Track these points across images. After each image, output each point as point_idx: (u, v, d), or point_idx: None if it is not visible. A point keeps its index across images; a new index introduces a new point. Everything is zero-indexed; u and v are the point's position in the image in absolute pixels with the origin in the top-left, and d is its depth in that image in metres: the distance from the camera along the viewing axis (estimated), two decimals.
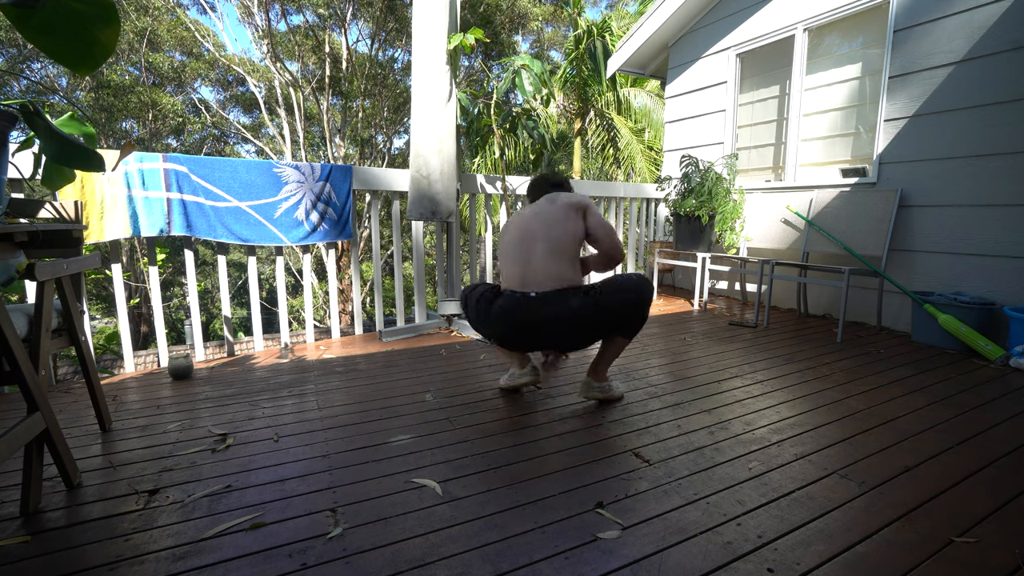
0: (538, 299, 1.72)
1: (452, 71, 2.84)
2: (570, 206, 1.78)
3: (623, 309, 1.73)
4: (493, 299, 1.83)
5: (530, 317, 1.72)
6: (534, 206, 1.86)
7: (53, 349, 1.43)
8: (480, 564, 1.01)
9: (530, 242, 1.77)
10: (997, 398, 1.95)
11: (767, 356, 2.50)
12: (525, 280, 1.76)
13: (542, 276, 1.74)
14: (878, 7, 3.12)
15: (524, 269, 1.76)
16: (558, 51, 15.30)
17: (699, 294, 3.73)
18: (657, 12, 4.24)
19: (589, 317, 1.71)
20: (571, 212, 1.77)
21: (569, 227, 1.76)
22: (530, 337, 1.78)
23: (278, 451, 1.50)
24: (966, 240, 2.77)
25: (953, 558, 1.05)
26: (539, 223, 1.78)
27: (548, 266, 1.73)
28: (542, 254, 1.75)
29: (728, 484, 1.32)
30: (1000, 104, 2.60)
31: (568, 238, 1.76)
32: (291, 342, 2.86)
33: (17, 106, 1.15)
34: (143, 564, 1.01)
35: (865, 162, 3.28)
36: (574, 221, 1.77)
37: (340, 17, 11.66)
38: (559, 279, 1.73)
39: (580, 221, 1.78)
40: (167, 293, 13.50)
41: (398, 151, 14.57)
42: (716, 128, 4.19)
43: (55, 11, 1.00)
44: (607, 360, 1.84)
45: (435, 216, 2.88)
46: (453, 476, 1.36)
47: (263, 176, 2.58)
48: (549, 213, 1.78)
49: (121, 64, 12.07)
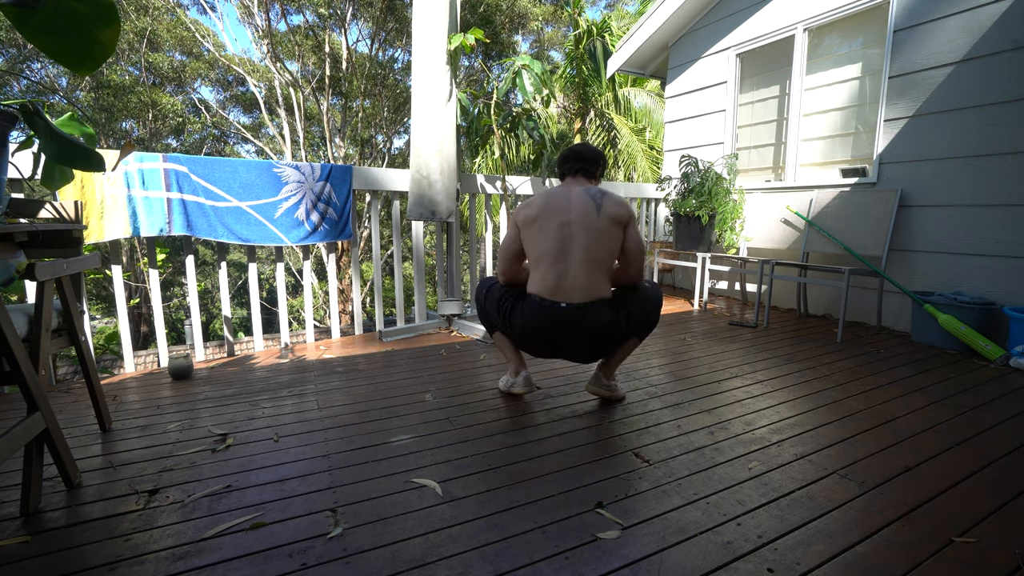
0: (569, 310, 1.67)
1: (452, 71, 2.84)
2: (614, 220, 1.69)
3: (642, 316, 1.78)
4: (516, 300, 1.79)
5: (556, 328, 1.69)
6: (574, 196, 1.72)
7: (53, 349, 1.42)
8: (480, 564, 1.01)
9: (569, 247, 1.68)
10: (997, 398, 1.95)
11: (767, 356, 2.50)
12: (559, 288, 1.68)
13: (576, 288, 1.67)
14: (878, 7, 3.12)
15: (559, 277, 1.68)
16: (558, 51, 15.30)
17: (699, 294, 3.73)
18: (657, 12, 4.24)
19: (618, 326, 1.73)
20: (615, 227, 1.70)
21: (612, 244, 1.71)
22: (552, 346, 1.76)
23: (278, 451, 1.50)
24: (966, 240, 2.77)
25: (953, 558, 1.05)
26: (582, 229, 1.68)
27: (586, 279, 1.67)
28: (582, 265, 1.67)
29: (728, 484, 1.32)
30: (1000, 104, 2.60)
31: (609, 255, 1.72)
32: (291, 342, 2.86)
33: (17, 106, 1.15)
34: (143, 564, 1.01)
35: (865, 162, 3.28)
36: (616, 237, 1.71)
37: (340, 17, 11.66)
38: (592, 291, 1.68)
39: (621, 234, 1.72)
40: (167, 293, 13.50)
41: (398, 151, 14.57)
42: (716, 128, 4.19)
43: (56, 11, 1.00)
44: (619, 359, 1.86)
45: (435, 216, 2.88)
46: (453, 476, 1.36)
47: (263, 176, 2.58)
48: (595, 223, 1.68)
49: (121, 64, 12.07)
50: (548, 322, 1.69)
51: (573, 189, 1.76)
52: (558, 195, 1.75)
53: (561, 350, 1.77)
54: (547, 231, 1.70)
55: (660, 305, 1.84)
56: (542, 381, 2.12)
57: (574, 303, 1.67)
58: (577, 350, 1.76)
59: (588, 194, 1.72)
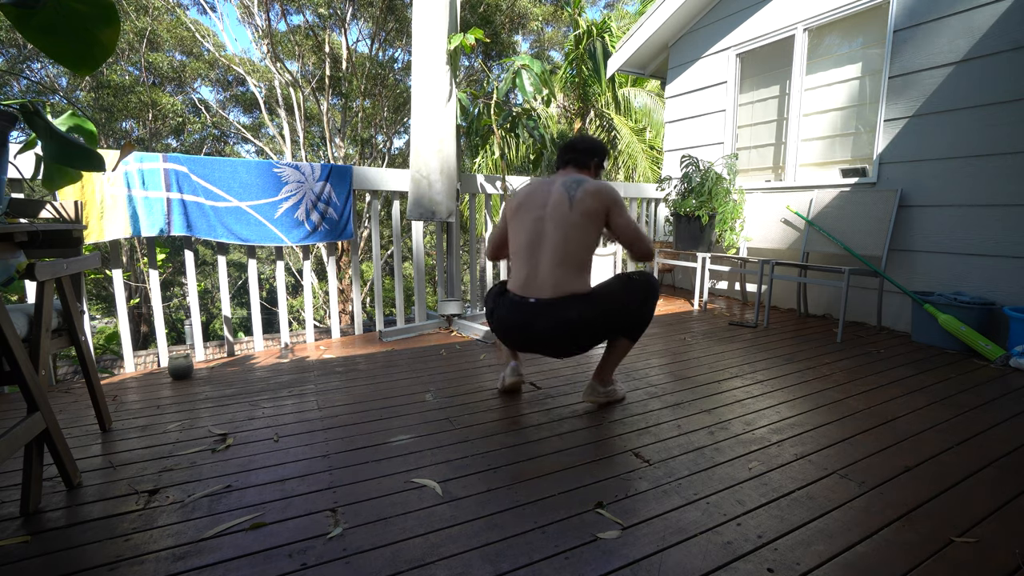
0: (537, 306, 1.67)
1: (452, 71, 2.84)
2: (588, 214, 1.66)
3: (627, 312, 1.70)
4: (498, 296, 1.82)
5: (527, 323, 1.69)
6: (554, 190, 1.72)
7: (53, 349, 1.43)
8: (480, 564, 1.01)
9: (541, 243, 1.69)
10: (997, 398, 1.95)
11: (767, 356, 2.50)
12: (528, 284, 1.70)
13: (545, 283, 1.67)
14: (878, 7, 3.12)
15: (529, 272, 1.70)
16: (558, 51, 15.30)
17: (699, 294, 3.73)
18: (657, 12, 4.24)
19: (590, 323, 1.66)
20: (589, 221, 1.66)
21: (587, 239, 1.67)
22: (528, 342, 1.75)
23: (278, 451, 1.50)
24: (966, 240, 2.77)
25: (953, 558, 1.05)
26: (553, 225, 1.67)
27: (554, 274, 1.66)
28: (552, 261, 1.66)
29: (728, 484, 1.32)
30: (1000, 104, 2.60)
31: (584, 248, 1.68)
32: (291, 342, 2.86)
33: (17, 106, 1.15)
34: (143, 564, 1.01)
35: (865, 162, 3.28)
36: (592, 230, 1.67)
37: (340, 17, 11.66)
38: (562, 287, 1.66)
39: (600, 225, 1.69)
40: (167, 293, 13.50)
41: (398, 151, 14.57)
42: (716, 128, 4.19)
43: (56, 11, 1.00)
44: (612, 364, 1.81)
45: (435, 216, 2.88)
46: (453, 476, 1.36)
47: (263, 176, 2.58)
48: (566, 217, 1.66)
49: (121, 64, 12.07)
50: (520, 317, 1.70)
51: (556, 181, 1.75)
52: (539, 188, 1.77)
53: (535, 345, 1.75)
54: (524, 225, 1.74)
55: (648, 300, 1.72)
56: (542, 381, 2.12)
57: (543, 299, 1.66)
58: (551, 346, 1.73)
59: (564, 187, 1.71)
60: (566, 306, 1.65)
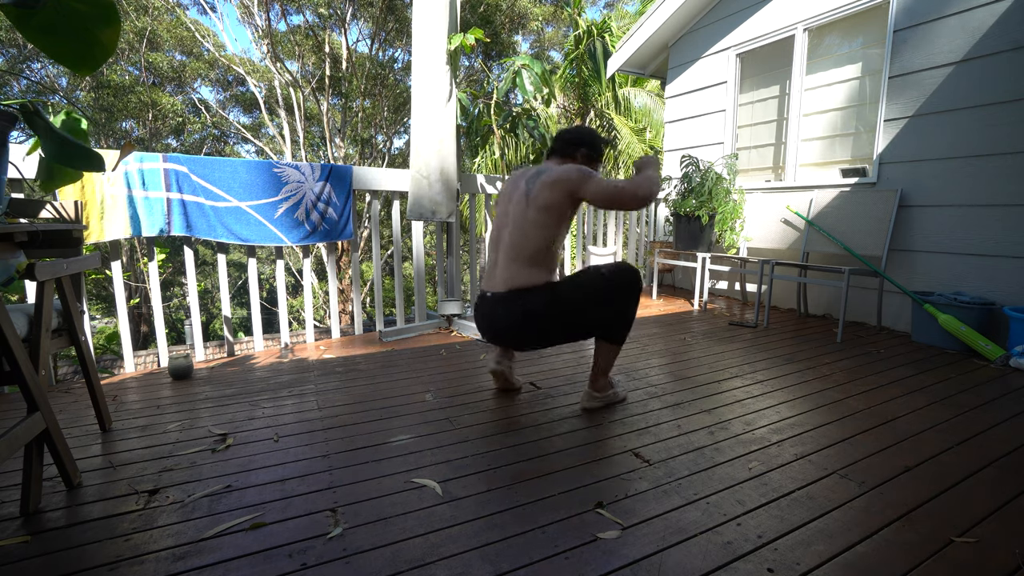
0: (492, 299, 1.72)
1: (452, 71, 2.84)
2: (547, 207, 1.63)
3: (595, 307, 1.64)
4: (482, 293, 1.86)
5: (489, 315, 1.74)
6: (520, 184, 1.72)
7: (53, 349, 1.42)
8: (480, 564, 1.01)
9: (501, 237, 1.74)
10: (997, 398, 1.95)
11: (767, 356, 2.50)
12: (488, 278, 1.76)
13: (499, 278, 1.70)
14: (878, 7, 3.12)
15: (491, 267, 1.77)
16: (558, 51, 15.30)
17: (699, 294, 3.73)
18: (657, 12, 4.24)
19: (546, 316, 1.64)
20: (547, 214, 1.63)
21: (545, 232, 1.65)
22: (496, 335, 1.79)
23: (278, 451, 1.50)
24: (966, 240, 2.77)
25: (953, 558, 1.05)
26: (511, 220, 1.70)
27: (508, 269, 1.68)
28: (506, 255, 1.70)
29: (728, 484, 1.32)
30: (1000, 104, 2.60)
31: (541, 240, 1.66)
32: (291, 342, 2.86)
33: (17, 106, 1.15)
34: (143, 564, 1.01)
35: (865, 162, 3.28)
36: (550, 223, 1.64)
37: (340, 17, 11.66)
38: (513, 281, 1.67)
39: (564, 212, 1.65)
40: (167, 293, 13.50)
41: (398, 151, 14.57)
42: (716, 128, 4.19)
43: (56, 11, 1.00)
44: (599, 368, 1.77)
45: (435, 216, 2.88)
46: (453, 476, 1.36)
47: (263, 176, 2.58)
48: (523, 212, 1.66)
49: (121, 64, 12.07)
50: (484, 310, 1.76)
51: (526, 175, 1.74)
52: (511, 182, 1.82)
53: (501, 338, 1.78)
54: (495, 220, 1.81)
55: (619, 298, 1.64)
56: (542, 381, 2.12)
57: (498, 293, 1.71)
58: (514, 339, 1.76)
59: (526, 181, 1.70)
60: (517, 299, 1.66)
